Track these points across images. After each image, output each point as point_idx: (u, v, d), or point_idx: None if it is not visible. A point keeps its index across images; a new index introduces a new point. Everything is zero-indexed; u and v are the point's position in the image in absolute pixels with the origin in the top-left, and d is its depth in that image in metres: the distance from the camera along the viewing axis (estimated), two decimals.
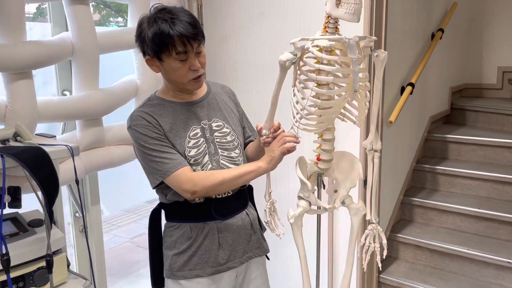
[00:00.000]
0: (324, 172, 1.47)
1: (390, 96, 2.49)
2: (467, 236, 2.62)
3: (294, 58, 1.25)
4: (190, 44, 1.31)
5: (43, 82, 2.08)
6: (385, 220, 2.65)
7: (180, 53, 1.31)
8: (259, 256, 1.58)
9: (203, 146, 1.43)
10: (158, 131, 1.38)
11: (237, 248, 1.50)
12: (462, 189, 2.88)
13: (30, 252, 1.43)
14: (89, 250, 1.59)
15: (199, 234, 1.45)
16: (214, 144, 1.46)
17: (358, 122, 1.41)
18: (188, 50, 1.31)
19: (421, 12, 2.87)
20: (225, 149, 1.47)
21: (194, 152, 1.41)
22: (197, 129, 1.44)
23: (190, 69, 1.35)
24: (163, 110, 1.42)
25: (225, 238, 1.48)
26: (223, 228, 1.47)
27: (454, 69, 3.66)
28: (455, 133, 3.16)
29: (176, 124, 1.41)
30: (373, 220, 1.51)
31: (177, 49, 1.30)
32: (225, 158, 1.47)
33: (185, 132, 1.41)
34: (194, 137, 1.42)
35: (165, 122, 1.40)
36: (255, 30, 2.31)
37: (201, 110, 1.47)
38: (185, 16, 1.32)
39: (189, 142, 1.41)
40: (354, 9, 1.21)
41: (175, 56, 1.31)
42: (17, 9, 1.66)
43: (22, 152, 1.28)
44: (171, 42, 1.29)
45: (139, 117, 1.39)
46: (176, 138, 1.40)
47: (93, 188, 2.24)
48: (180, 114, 1.43)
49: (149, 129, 1.37)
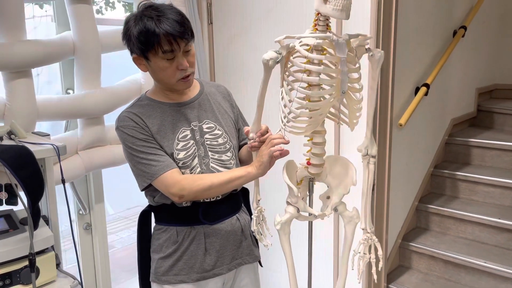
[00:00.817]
0: (316, 177, 1.40)
1: (402, 97, 2.37)
2: (486, 248, 2.46)
3: (278, 57, 1.18)
4: (177, 43, 1.27)
5: (48, 81, 2.11)
6: (396, 228, 2.53)
7: (166, 52, 1.27)
8: (249, 263, 1.52)
9: (192, 148, 1.39)
10: (146, 132, 1.35)
11: (225, 254, 1.45)
12: (484, 197, 2.71)
13: (17, 250, 1.43)
14: (76, 247, 1.58)
15: (185, 239, 1.42)
16: (205, 146, 1.41)
17: (350, 126, 1.32)
18: (175, 49, 1.27)
19: (440, 8, 2.71)
20: (215, 152, 1.42)
21: (182, 155, 1.37)
22: (187, 131, 1.40)
23: (178, 68, 1.31)
24: (151, 111, 1.38)
25: (212, 244, 1.43)
26: (211, 233, 1.43)
27: (481, 69, 3.46)
28: (479, 137, 2.98)
29: (165, 126, 1.37)
30: (368, 229, 1.42)
31: (163, 48, 1.26)
32: (215, 161, 1.42)
33: (173, 134, 1.37)
34: (183, 139, 1.38)
35: (152, 123, 1.36)
36: (263, 29, 2.26)
37: (192, 111, 1.42)
38: (172, 14, 1.28)
39: (178, 144, 1.37)
40: (342, 5, 1.13)
41: (161, 55, 1.28)
42: (16, 9, 1.68)
43: (5, 151, 1.28)
44: (157, 41, 1.25)
45: (126, 118, 1.36)
46: (164, 140, 1.36)
47: (97, 187, 2.25)
48: (169, 115, 1.39)
49: (136, 130, 1.34)
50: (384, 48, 1.98)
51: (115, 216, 3.79)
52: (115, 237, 3.74)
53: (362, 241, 1.43)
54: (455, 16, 2.94)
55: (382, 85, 2.01)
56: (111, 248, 3.64)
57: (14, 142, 1.51)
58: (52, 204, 1.65)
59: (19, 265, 1.43)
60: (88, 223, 2.28)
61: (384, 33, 1.95)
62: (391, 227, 2.38)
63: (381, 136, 2.08)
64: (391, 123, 2.12)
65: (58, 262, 1.59)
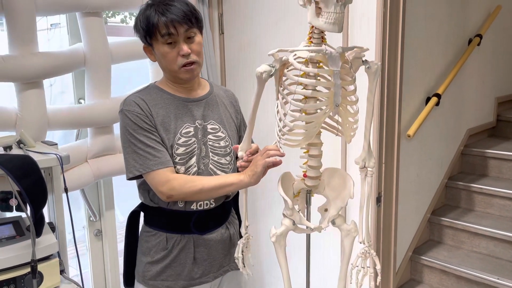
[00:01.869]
0: (313, 189, 1.39)
1: (412, 107, 2.33)
2: (501, 263, 2.37)
3: (272, 70, 1.19)
4: (174, 27, 1.28)
5: (61, 91, 2.18)
6: (407, 240, 2.47)
7: (164, 35, 1.29)
8: (235, 270, 1.53)
9: (192, 146, 1.38)
10: (150, 121, 1.33)
11: (213, 264, 1.47)
12: (500, 210, 2.62)
13: (22, 256, 1.47)
14: (78, 253, 1.62)
15: (175, 246, 1.43)
16: (206, 146, 1.41)
17: (347, 138, 1.31)
18: (172, 32, 1.29)
19: (454, 16, 2.66)
20: (216, 154, 1.42)
21: (181, 151, 1.36)
22: (191, 127, 1.39)
23: (179, 54, 1.31)
24: (159, 99, 1.38)
25: (201, 253, 1.44)
26: (200, 243, 1.44)
27: (501, 78, 3.36)
28: (497, 148, 2.89)
29: (169, 118, 1.36)
30: (365, 242, 1.40)
31: (161, 32, 1.29)
32: (214, 163, 1.42)
33: (176, 127, 1.37)
34: (185, 135, 1.38)
35: (158, 113, 1.35)
36: (272, 38, 2.28)
37: (198, 109, 1.42)
38: (177, 3, 1.31)
39: (179, 139, 1.36)
40: (334, 19, 1.12)
41: (161, 39, 1.30)
42: (28, 22, 1.75)
43: (9, 160, 1.33)
44: (156, 26, 1.29)
45: (133, 102, 1.35)
46: (166, 132, 1.35)
47: (107, 193, 2.30)
48: (175, 108, 1.38)
49: (141, 118, 1.33)
50: (391, 58, 1.96)
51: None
52: None
53: (360, 254, 1.42)
54: (470, 24, 2.87)
55: (389, 96, 1.99)
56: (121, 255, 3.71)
57: (22, 151, 1.57)
58: (58, 211, 1.70)
59: (24, 271, 1.47)
60: (99, 230, 2.33)
61: (391, 42, 1.93)
62: (400, 239, 2.33)
63: (389, 147, 2.05)
64: (399, 134, 2.08)
65: (62, 269, 1.63)
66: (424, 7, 2.33)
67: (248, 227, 1.43)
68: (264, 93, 1.22)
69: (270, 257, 2.41)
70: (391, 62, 1.96)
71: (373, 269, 1.41)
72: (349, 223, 1.41)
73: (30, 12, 1.74)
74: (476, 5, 2.89)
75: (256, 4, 2.34)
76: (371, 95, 1.30)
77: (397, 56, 1.98)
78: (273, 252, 1.36)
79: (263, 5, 2.31)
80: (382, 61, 1.91)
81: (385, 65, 1.93)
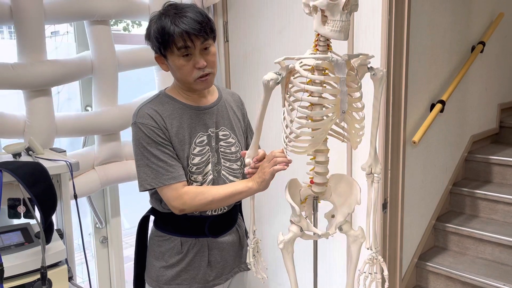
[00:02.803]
0: (320, 196, 1.40)
1: (417, 114, 2.34)
2: (507, 270, 2.37)
3: (278, 78, 1.20)
4: (191, 40, 1.26)
5: (67, 98, 2.20)
6: (413, 246, 2.47)
7: (181, 48, 1.27)
8: (244, 271, 1.56)
9: (207, 154, 1.40)
10: (163, 134, 1.33)
11: (225, 266, 1.49)
12: (505, 216, 2.62)
13: (30, 263, 1.48)
14: (86, 260, 1.63)
15: (190, 250, 1.44)
16: (218, 153, 1.43)
17: (353, 144, 1.32)
18: (189, 45, 1.27)
19: (457, 24, 2.68)
20: (227, 160, 1.44)
21: (197, 160, 1.37)
22: (204, 136, 1.40)
23: (195, 66, 1.30)
24: (172, 110, 1.36)
25: (215, 256, 1.46)
26: (214, 246, 1.46)
27: (504, 84, 3.38)
28: (501, 154, 2.89)
29: (183, 129, 1.36)
30: (373, 248, 1.41)
31: (177, 45, 1.26)
32: (226, 169, 1.44)
33: (190, 137, 1.37)
34: (200, 144, 1.39)
35: (172, 124, 1.35)
36: (276, 46, 2.31)
37: (210, 117, 1.42)
38: (191, 12, 1.28)
39: (194, 149, 1.38)
40: (340, 27, 1.14)
41: (177, 52, 1.28)
42: (37, 30, 1.77)
43: (20, 167, 1.34)
44: (172, 39, 1.26)
45: (147, 115, 1.33)
46: (181, 143, 1.36)
47: (113, 200, 2.31)
48: (188, 118, 1.38)
49: (155, 131, 1.32)
50: (396, 65, 1.98)
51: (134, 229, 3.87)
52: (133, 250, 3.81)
53: (368, 260, 1.42)
54: (473, 31, 2.89)
55: (394, 102, 2.00)
56: (129, 261, 3.70)
57: (31, 158, 1.59)
58: (67, 218, 1.71)
59: (32, 278, 1.48)
60: (105, 237, 2.34)
61: (396, 49, 1.94)
62: (406, 245, 2.33)
63: (394, 153, 2.06)
64: (404, 140, 2.09)
65: (70, 276, 1.64)
66: (428, 15, 2.35)
67: (255, 232, 1.44)
68: (270, 100, 1.23)
69: (276, 263, 2.41)
70: (396, 69, 1.98)
71: (380, 275, 1.42)
72: (356, 229, 1.42)
73: (39, 20, 1.77)
74: (479, 13, 2.92)
75: (261, 13, 2.37)
76: (377, 102, 1.31)
77: (402, 63, 2.00)
78: (278, 258, 1.37)
79: (268, 14, 2.33)
80: (388, 68, 1.92)
81: (391, 72, 1.94)
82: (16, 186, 1.51)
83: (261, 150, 1.38)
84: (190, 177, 1.38)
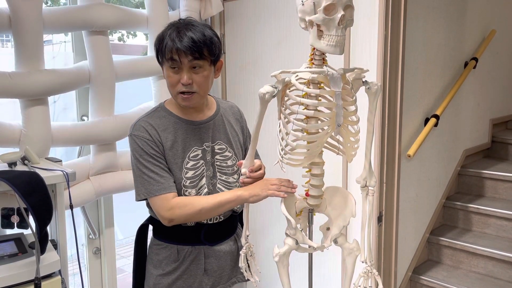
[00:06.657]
0: (315, 208, 1.41)
1: (412, 128, 2.37)
2: (500, 284, 2.38)
3: (274, 91, 1.22)
4: (178, 55, 1.29)
5: (64, 108, 2.20)
6: (407, 260, 2.48)
7: (168, 60, 1.31)
8: (242, 281, 1.55)
9: (201, 168, 1.41)
10: (157, 147, 1.36)
11: (222, 275, 1.49)
12: (497, 230, 2.64)
13: (24, 273, 1.47)
14: (81, 272, 1.61)
15: (186, 258, 1.44)
16: (214, 167, 1.44)
17: (348, 157, 1.34)
18: (175, 59, 1.30)
19: (451, 40, 2.73)
20: (223, 173, 1.45)
21: (190, 174, 1.39)
22: (198, 150, 1.42)
23: (180, 81, 1.33)
24: (167, 124, 1.40)
25: (211, 264, 1.47)
26: (210, 254, 1.46)
27: (495, 100, 3.43)
28: (493, 169, 2.93)
29: (177, 143, 1.39)
30: (368, 261, 1.42)
31: (166, 56, 1.31)
32: (222, 183, 1.45)
33: (184, 152, 1.39)
34: (193, 158, 1.41)
35: (167, 138, 1.38)
36: (273, 59, 2.33)
37: (206, 132, 1.44)
38: (195, 31, 1.30)
39: (188, 163, 1.40)
40: (335, 41, 1.17)
41: (166, 63, 1.33)
42: (35, 40, 1.78)
43: (16, 176, 1.34)
44: (164, 48, 1.31)
45: (142, 128, 1.37)
46: (175, 157, 1.38)
47: (107, 211, 2.30)
48: (183, 132, 1.41)
49: (148, 144, 1.35)
50: (392, 80, 2.01)
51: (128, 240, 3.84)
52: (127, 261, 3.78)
53: (362, 274, 1.42)
54: (466, 47, 2.95)
55: (390, 116, 2.03)
56: (122, 272, 3.67)
57: (27, 167, 1.58)
58: (61, 228, 1.70)
59: None
60: (98, 248, 2.32)
61: (392, 64, 1.97)
62: (400, 259, 2.34)
63: (389, 166, 2.08)
64: (399, 154, 2.11)
65: (64, 287, 1.62)
66: (423, 31, 2.40)
67: (248, 237, 1.45)
68: (266, 112, 1.25)
69: (270, 274, 2.40)
70: (391, 84, 2.01)
71: None
72: (351, 241, 1.43)
73: (37, 30, 1.78)
74: (472, 30, 2.97)
75: (257, 26, 2.40)
76: (371, 115, 1.33)
77: (398, 78, 2.03)
78: (272, 269, 1.37)
79: (264, 27, 2.37)
80: (383, 82, 1.95)
81: (386, 86, 1.97)
82: (10, 195, 1.50)
83: (258, 160, 1.39)
84: (184, 191, 1.40)
